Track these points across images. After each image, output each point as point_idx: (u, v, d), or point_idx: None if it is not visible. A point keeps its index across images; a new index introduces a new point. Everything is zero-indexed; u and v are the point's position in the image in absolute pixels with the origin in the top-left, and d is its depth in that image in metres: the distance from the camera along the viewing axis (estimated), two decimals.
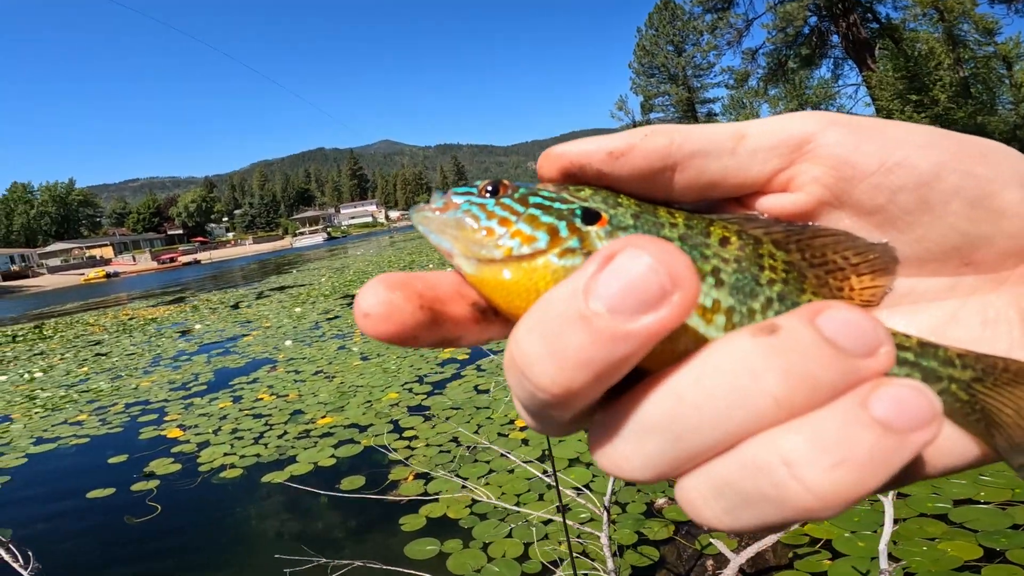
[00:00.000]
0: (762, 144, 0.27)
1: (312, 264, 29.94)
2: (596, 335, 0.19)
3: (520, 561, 2.63)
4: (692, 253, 0.25)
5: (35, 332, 14.42)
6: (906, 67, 18.98)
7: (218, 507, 3.60)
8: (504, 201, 0.26)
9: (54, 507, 3.83)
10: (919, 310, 0.28)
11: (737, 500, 0.20)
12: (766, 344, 0.20)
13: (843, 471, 0.18)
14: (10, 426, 5.77)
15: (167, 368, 7.78)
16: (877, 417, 0.19)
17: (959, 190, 0.25)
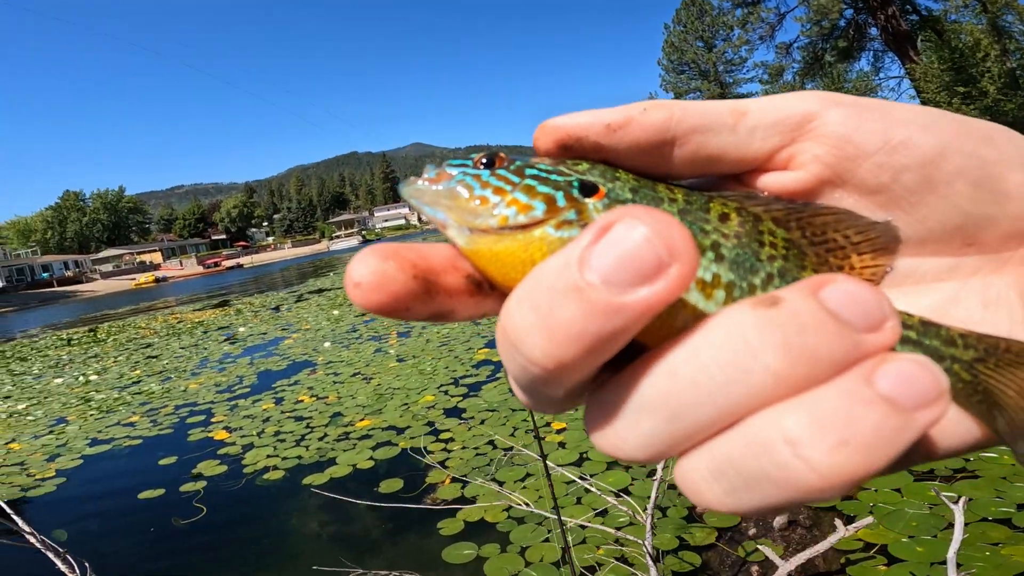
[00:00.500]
0: (763, 121, 0.26)
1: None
2: (590, 307, 0.18)
3: (557, 566, 2.59)
4: (691, 227, 0.24)
5: (89, 336, 15.02)
6: (951, 59, 18.25)
7: (261, 509, 3.66)
8: (500, 172, 0.25)
9: (107, 508, 3.93)
10: (921, 290, 0.27)
11: (739, 481, 0.19)
12: (766, 317, 0.19)
13: (849, 450, 0.17)
14: (66, 427, 5.98)
15: (213, 370, 8.00)
16: (883, 393, 0.18)
17: (963, 171, 0.24)
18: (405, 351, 7.40)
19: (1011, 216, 0.25)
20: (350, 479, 3.84)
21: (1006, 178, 0.24)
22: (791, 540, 2.47)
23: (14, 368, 11.01)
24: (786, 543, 2.45)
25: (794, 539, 2.48)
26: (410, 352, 7.28)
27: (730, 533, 2.60)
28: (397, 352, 7.41)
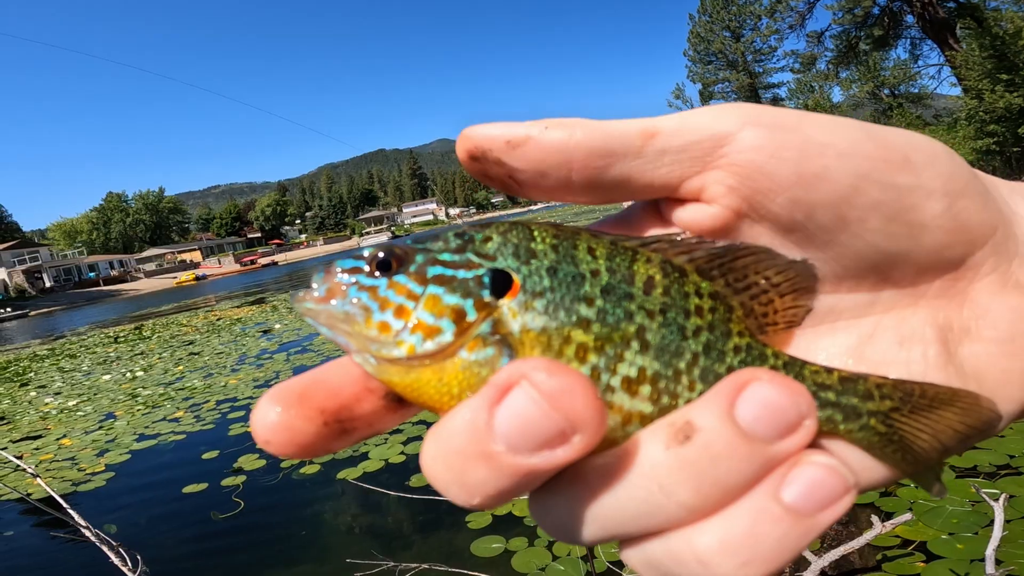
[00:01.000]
0: (672, 145, 0.24)
1: None
2: (499, 471, 0.19)
3: (585, 560, 2.58)
4: (616, 311, 0.23)
5: (135, 333, 15.52)
6: (992, 46, 17.53)
7: (297, 503, 3.73)
8: (398, 280, 0.23)
9: (153, 502, 4.05)
10: (838, 328, 0.26)
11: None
12: (679, 456, 0.20)
13: (753, 567, 0.19)
14: (115, 423, 6.16)
15: (252, 366, 8.19)
16: (788, 504, 0.20)
17: (878, 205, 0.23)
18: None
19: (926, 249, 0.24)
20: (382, 473, 3.89)
21: (922, 209, 0.23)
22: (825, 536, 2.40)
23: (64, 365, 11.43)
24: (821, 539, 2.39)
25: (828, 535, 2.41)
26: None
27: None
28: None
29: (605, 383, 0.22)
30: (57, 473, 4.75)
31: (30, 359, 13.43)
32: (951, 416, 0.23)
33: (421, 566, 2.30)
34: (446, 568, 2.27)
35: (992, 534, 1.78)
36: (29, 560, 3.50)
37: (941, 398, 0.23)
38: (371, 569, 2.29)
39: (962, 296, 0.24)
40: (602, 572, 2.50)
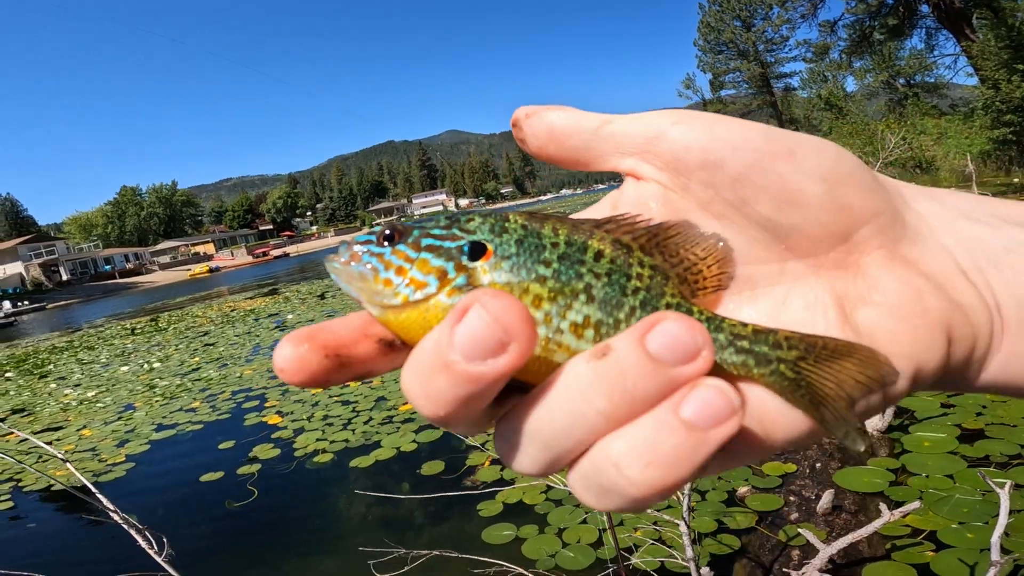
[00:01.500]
0: (619, 131, 0.32)
1: None
2: (455, 378, 0.23)
3: (595, 547, 2.59)
4: (568, 272, 0.28)
5: (151, 325, 15.71)
6: (1009, 37, 17.22)
7: (311, 491, 3.76)
8: (400, 248, 0.29)
9: (172, 491, 4.08)
10: (757, 295, 0.31)
11: (598, 491, 0.25)
12: (596, 368, 0.25)
13: (655, 468, 0.23)
14: (133, 414, 6.22)
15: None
16: (684, 419, 0.23)
17: (765, 187, 0.28)
18: None
19: (812, 224, 0.29)
20: (394, 461, 3.91)
21: (804, 191, 0.28)
22: (835, 525, 2.40)
23: (82, 357, 11.59)
24: (829, 528, 2.38)
25: (838, 524, 2.41)
26: None
27: (771, 517, 2.54)
28: None
29: (556, 326, 0.27)
30: (79, 464, 4.78)
31: (49, 351, 13.61)
32: (851, 367, 0.27)
33: (432, 553, 2.31)
34: (457, 554, 2.29)
35: (998, 522, 1.77)
36: (56, 547, 3.55)
37: (841, 350, 0.27)
38: (383, 556, 2.31)
39: (855, 268, 0.29)
40: (612, 559, 2.51)
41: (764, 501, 2.64)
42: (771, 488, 2.74)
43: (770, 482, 2.79)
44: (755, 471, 2.90)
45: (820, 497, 2.55)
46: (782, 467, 2.89)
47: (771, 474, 2.85)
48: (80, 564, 3.28)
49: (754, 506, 2.62)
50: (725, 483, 2.84)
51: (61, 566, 3.24)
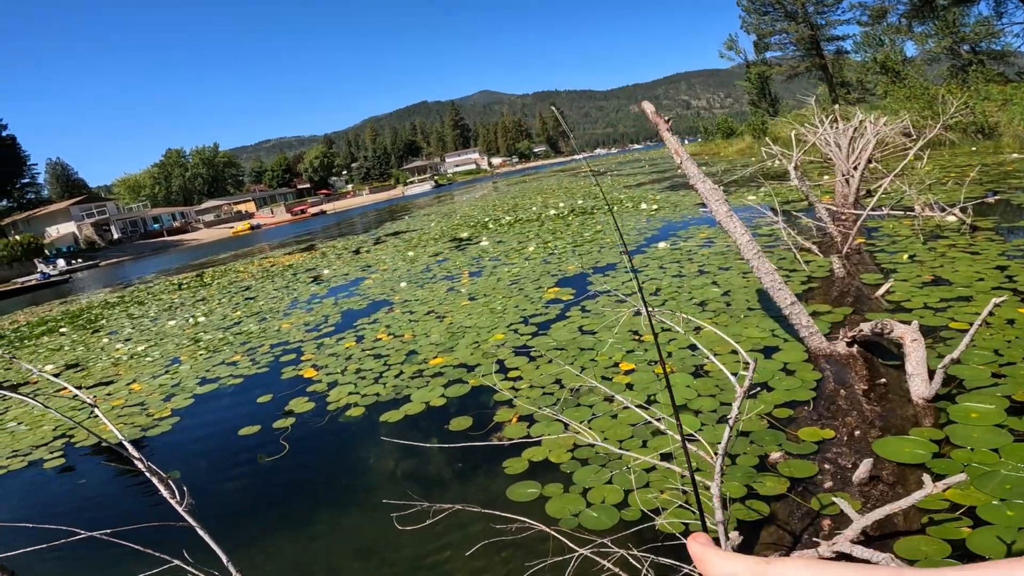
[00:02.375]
0: None
1: (422, 210, 30.83)
2: None
3: (619, 508, 2.53)
4: None
5: (197, 280, 16.12)
6: None
7: (341, 445, 3.78)
8: None
9: (213, 445, 4.15)
10: None
11: None
12: None
13: None
14: (179, 368, 6.38)
15: (302, 311, 8.38)
16: None
17: None
18: (476, 290, 7.42)
19: None
20: (423, 416, 3.90)
21: None
22: (870, 496, 2.27)
23: (133, 312, 11.96)
24: (864, 499, 2.25)
25: (874, 495, 2.28)
26: (481, 291, 7.30)
27: (803, 485, 2.42)
28: (469, 291, 7.45)
29: None
30: (128, 419, 4.90)
31: (102, 307, 14.10)
32: None
33: (455, 507, 2.29)
34: (480, 509, 2.26)
35: None
36: (102, 500, 3.65)
37: None
38: (406, 510, 2.30)
39: None
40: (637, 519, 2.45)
41: (797, 467, 2.52)
42: (805, 454, 2.61)
43: (805, 448, 2.65)
44: (790, 436, 2.77)
45: (856, 466, 2.42)
46: (819, 432, 2.74)
47: (807, 439, 2.71)
48: (122, 516, 3.37)
49: (786, 472, 2.50)
50: (757, 448, 2.72)
51: (106, 519, 3.33)
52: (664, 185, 17.75)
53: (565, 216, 14.17)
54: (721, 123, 35.75)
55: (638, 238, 9.02)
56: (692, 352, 4.05)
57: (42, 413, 5.57)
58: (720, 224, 3.74)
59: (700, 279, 5.90)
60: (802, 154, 7.09)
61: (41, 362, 8.35)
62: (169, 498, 1.67)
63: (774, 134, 23.39)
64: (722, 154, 27.61)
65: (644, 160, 40.50)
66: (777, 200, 7.07)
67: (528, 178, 51.38)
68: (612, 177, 27.16)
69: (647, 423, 3.17)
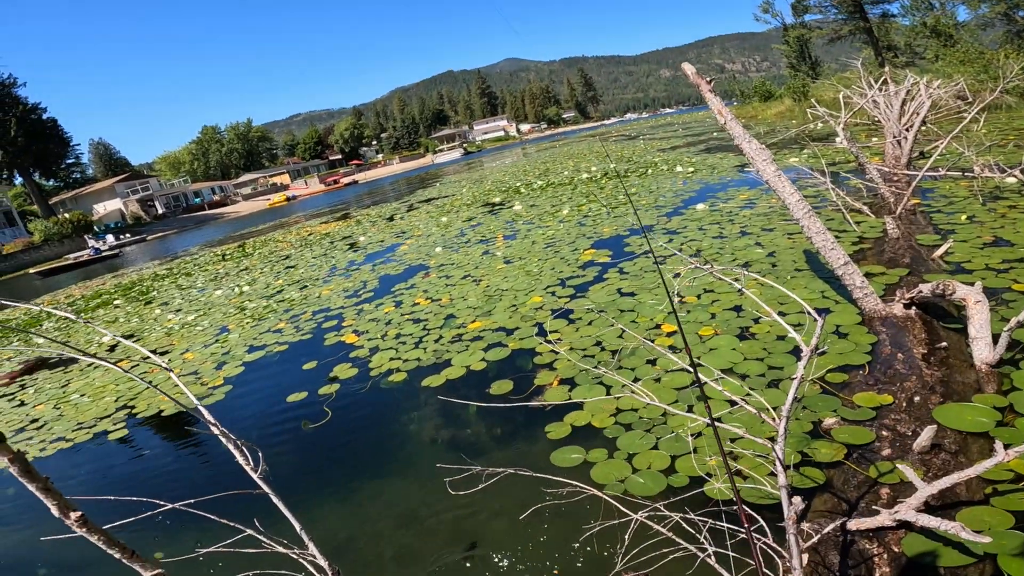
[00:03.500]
0: None
1: (452, 177, 30.65)
2: None
3: (666, 474, 2.48)
4: None
5: (239, 251, 16.47)
6: None
7: (384, 411, 3.79)
8: None
9: (262, 412, 4.20)
10: None
11: None
12: None
13: None
14: (228, 336, 6.50)
15: (341, 277, 8.47)
16: None
17: None
18: (512, 253, 7.36)
19: None
20: (463, 381, 3.90)
21: None
22: (932, 465, 2.16)
23: (181, 283, 12.30)
24: (925, 467, 2.14)
25: (936, 464, 2.16)
26: (517, 254, 7.24)
27: (859, 452, 2.32)
28: (504, 254, 7.39)
29: None
30: (192, 389, 4.95)
31: (152, 279, 14.55)
32: None
33: (507, 471, 2.26)
34: (531, 473, 2.23)
35: None
36: (164, 470, 3.72)
37: None
38: (458, 474, 2.29)
39: None
40: (684, 486, 2.40)
41: (853, 434, 2.41)
42: (862, 421, 2.50)
43: (862, 414, 2.53)
44: (845, 402, 2.66)
45: (917, 434, 2.30)
46: (876, 398, 2.62)
47: (863, 405, 2.59)
48: (188, 485, 3.44)
49: (841, 439, 2.40)
50: (811, 414, 2.62)
51: (175, 489, 3.41)
52: (699, 148, 17.15)
53: (598, 179, 13.87)
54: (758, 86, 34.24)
55: (675, 200, 8.76)
56: (737, 314, 3.92)
57: (103, 385, 5.77)
58: (768, 184, 3.55)
59: (743, 240, 5.70)
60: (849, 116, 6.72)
61: (99, 335, 8.68)
62: (245, 465, 1.67)
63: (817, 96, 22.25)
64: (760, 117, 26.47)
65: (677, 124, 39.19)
66: (823, 161, 6.72)
67: (558, 143, 50.45)
68: (644, 141, 26.41)
69: (693, 385, 3.09)
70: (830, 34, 35.11)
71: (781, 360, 3.19)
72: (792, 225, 5.81)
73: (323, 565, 1.25)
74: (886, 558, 1.82)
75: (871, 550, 1.86)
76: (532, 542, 2.28)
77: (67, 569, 2.89)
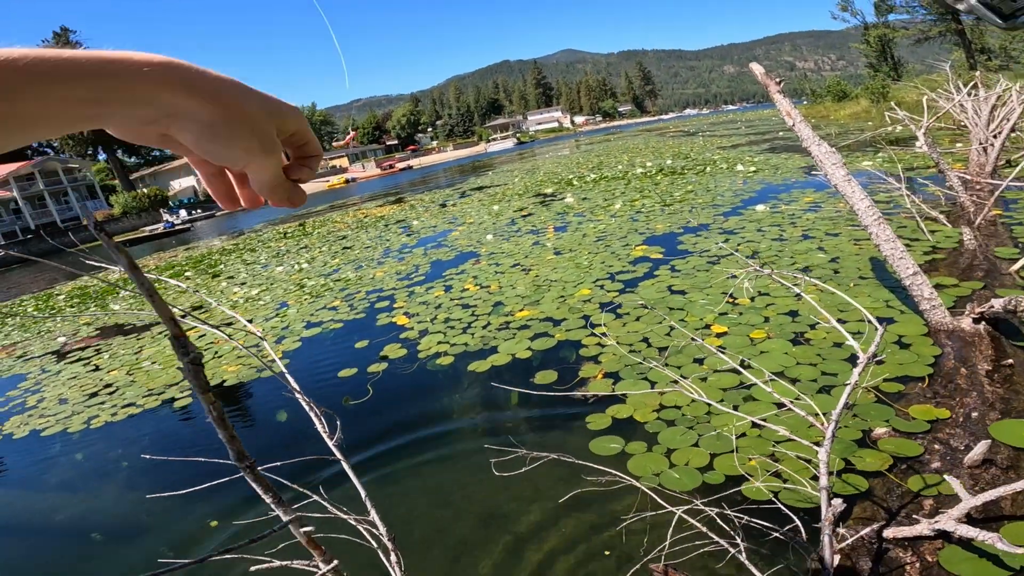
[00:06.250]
0: None
1: (504, 167, 30.77)
2: None
3: (703, 471, 2.49)
4: None
5: (300, 229, 17.14)
6: None
7: (428, 392, 3.90)
8: None
9: (316, 387, 4.37)
10: None
11: None
12: None
13: None
14: (288, 311, 6.79)
15: (394, 260, 8.73)
16: None
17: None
18: (562, 244, 7.40)
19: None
20: (508, 368, 3.99)
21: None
22: (980, 479, 2.10)
23: (246, 258, 12.92)
24: (974, 482, 2.09)
25: (985, 478, 2.10)
26: (567, 246, 7.27)
27: (907, 463, 2.28)
28: (554, 245, 7.44)
29: None
30: (247, 360, 5.23)
31: (219, 253, 15.31)
32: None
33: (551, 455, 2.32)
34: (574, 459, 2.30)
35: None
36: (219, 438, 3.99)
37: None
38: (503, 456, 2.38)
39: None
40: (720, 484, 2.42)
41: (902, 446, 2.36)
42: (914, 433, 2.44)
43: (915, 426, 2.47)
44: (899, 413, 2.60)
45: (969, 448, 2.24)
46: (933, 411, 2.55)
47: (918, 417, 2.53)
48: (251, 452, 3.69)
49: (888, 449, 2.36)
50: (861, 422, 2.57)
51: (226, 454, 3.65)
52: (763, 147, 16.56)
53: (653, 175, 13.65)
54: (832, 85, 32.62)
55: (734, 199, 8.55)
56: (792, 319, 3.85)
57: (172, 353, 6.09)
58: (836, 188, 3.46)
59: (804, 244, 5.53)
60: (933, 120, 6.37)
61: (171, 303, 9.27)
62: (322, 432, 1.74)
63: (897, 98, 21.01)
64: (832, 117, 25.22)
65: (740, 121, 37.85)
66: (899, 166, 6.41)
67: (612, 136, 49.67)
68: (704, 138, 25.68)
69: (740, 387, 3.08)
70: (916, 35, 33.34)
71: (835, 367, 3.13)
72: (860, 231, 5.60)
73: (382, 532, 1.36)
74: (918, 567, 1.80)
75: (904, 559, 1.84)
76: (568, 527, 2.35)
77: (118, 535, 3.04)
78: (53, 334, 8.40)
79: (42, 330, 8.91)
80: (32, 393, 5.59)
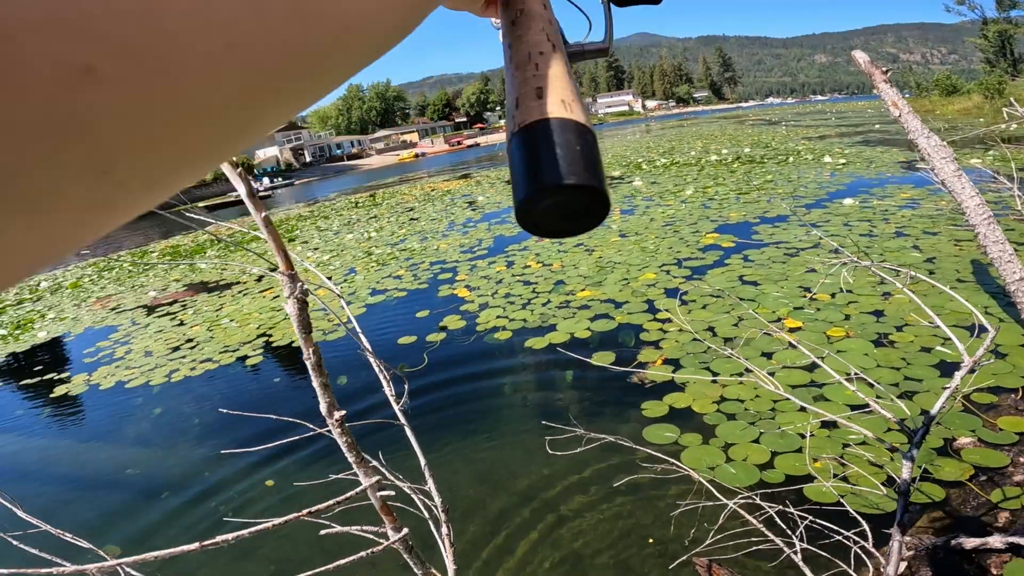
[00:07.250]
0: None
1: None
2: None
3: (761, 468, 2.40)
4: None
5: (370, 200, 17.67)
6: None
7: (486, 363, 3.92)
8: None
9: (376, 351, 4.43)
10: None
11: None
12: None
13: None
14: (355, 277, 7.04)
15: (458, 233, 8.85)
16: None
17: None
18: (628, 228, 7.25)
19: None
20: (566, 346, 3.95)
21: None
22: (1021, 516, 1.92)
23: (320, 225, 13.45)
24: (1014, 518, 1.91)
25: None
26: (633, 229, 7.12)
27: (988, 475, 2.11)
28: (620, 228, 7.30)
29: None
30: (318, 324, 5.22)
31: (296, 219, 16.01)
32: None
33: (607, 438, 2.30)
34: (630, 444, 2.26)
35: None
36: (286, 396, 4.08)
37: None
38: (560, 434, 2.38)
39: None
40: (779, 483, 2.32)
41: (986, 456, 2.19)
42: (1001, 444, 2.25)
43: (1003, 438, 2.29)
44: (987, 424, 2.40)
45: None
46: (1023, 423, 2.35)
47: (1007, 429, 2.33)
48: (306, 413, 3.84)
49: (971, 459, 2.19)
50: (944, 430, 2.40)
51: (288, 412, 3.75)
52: (855, 139, 15.46)
53: (729, 163, 13.07)
54: (941, 79, 29.90)
55: (818, 192, 8.07)
56: (877, 318, 3.61)
57: (249, 312, 6.29)
58: (943, 184, 3.18)
59: (896, 241, 5.15)
60: None
61: (251, 264, 9.81)
62: (390, 396, 1.74)
63: (1015, 95, 19.02)
64: (938, 112, 23.17)
65: (829, 112, 35.44)
66: (1013, 165, 5.81)
67: (685, 123, 47.83)
68: (787, 127, 24.28)
69: (810, 384, 2.94)
70: None
71: (921, 372, 2.92)
72: (963, 231, 5.15)
73: (436, 503, 1.39)
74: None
75: (968, 570, 1.72)
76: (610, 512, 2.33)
77: (181, 491, 3.10)
78: (145, 288, 9.07)
79: (135, 284, 9.66)
80: (121, 344, 5.99)
